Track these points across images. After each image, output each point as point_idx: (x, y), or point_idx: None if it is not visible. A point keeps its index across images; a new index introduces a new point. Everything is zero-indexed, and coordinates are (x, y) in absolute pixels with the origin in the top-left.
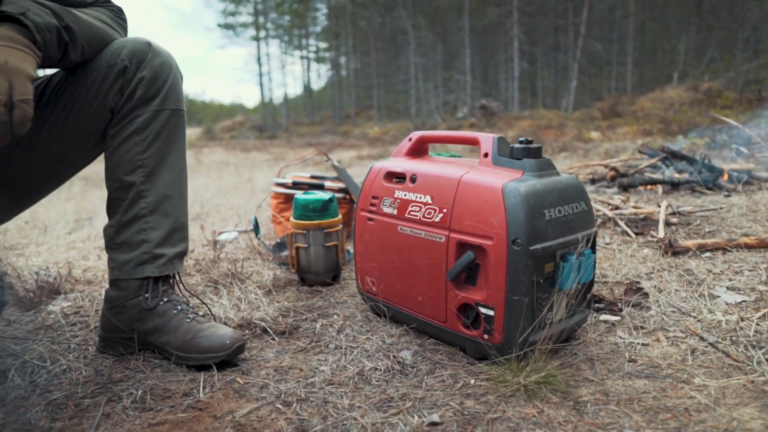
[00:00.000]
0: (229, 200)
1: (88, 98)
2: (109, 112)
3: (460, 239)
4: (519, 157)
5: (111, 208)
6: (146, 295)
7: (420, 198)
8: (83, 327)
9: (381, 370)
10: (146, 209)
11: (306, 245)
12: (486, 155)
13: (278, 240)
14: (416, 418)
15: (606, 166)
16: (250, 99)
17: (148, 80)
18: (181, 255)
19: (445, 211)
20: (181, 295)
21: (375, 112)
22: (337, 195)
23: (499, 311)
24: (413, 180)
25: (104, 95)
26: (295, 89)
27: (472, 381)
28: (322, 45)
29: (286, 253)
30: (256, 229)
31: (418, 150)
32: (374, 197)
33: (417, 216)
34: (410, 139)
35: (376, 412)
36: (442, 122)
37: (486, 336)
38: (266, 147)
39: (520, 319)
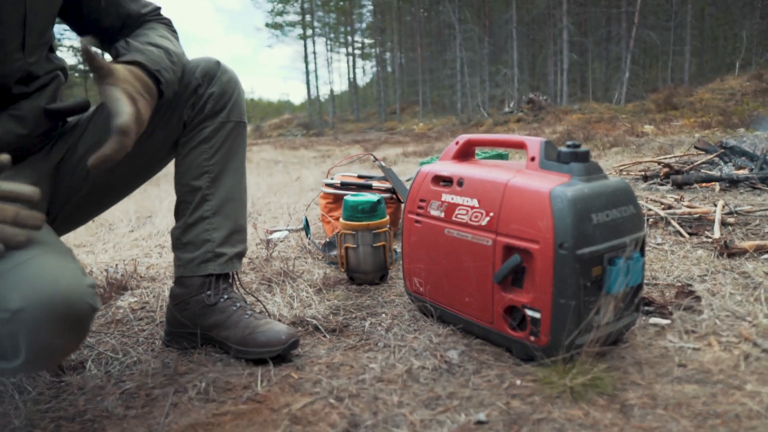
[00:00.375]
0: (279, 199)
1: (167, 114)
2: (182, 124)
3: (506, 243)
4: (566, 161)
5: (179, 211)
6: (208, 292)
7: (467, 201)
8: (149, 321)
9: (429, 369)
10: (210, 211)
11: (355, 245)
12: (533, 159)
13: (327, 239)
14: (463, 416)
15: (659, 163)
16: (297, 96)
17: (217, 95)
18: (240, 255)
19: (492, 214)
20: (238, 293)
21: (420, 108)
22: (384, 195)
23: (545, 314)
24: (460, 184)
25: (180, 110)
26: (340, 86)
27: (518, 381)
28: (368, 41)
29: (335, 252)
30: (307, 229)
31: (465, 153)
32: (422, 200)
33: (464, 219)
34: (457, 143)
35: (424, 410)
36: (489, 117)
37: (532, 338)
38: (313, 144)
39: (566, 322)
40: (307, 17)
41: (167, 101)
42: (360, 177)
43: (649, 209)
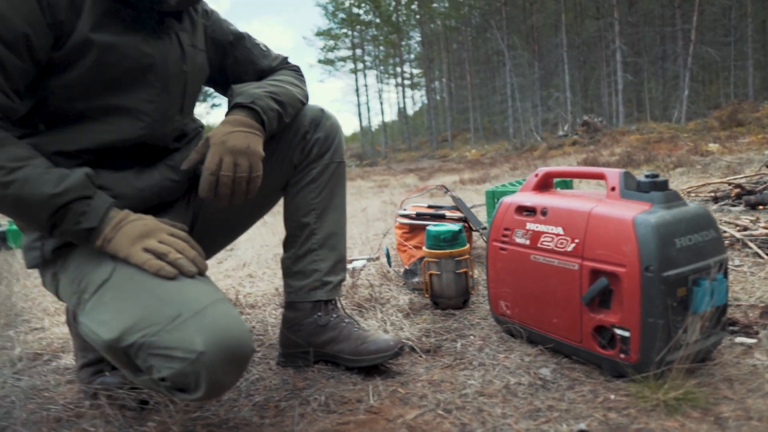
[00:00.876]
0: (349, 229)
1: (281, 157)
2: (293, 167)
3: (593, 267)
4: (646, 191)
5: (288, 243)
6: (319, 314)
7: (552, 230)
8: (260, 344)
9: (525, 385)
10: (317, 244)
11: (438, 272)
12: (613, 189)
13: (406, 267)
14: (565, 426)
15: (729, 183)
16: (348, 127)
17: (322, 140)
18: (342, 282)
19: (577, 241)
20: (342, 311)
21: (471, 134)
22: (459, 224)
23: (634, 332)
24: (544, 213)
25: (291, 155)
26: (391, 116)
27: (612, 396)
28: (417, 71)
29: (417, 279)
30: (389, 258)
31: (544, 185)
32: (506, 229)
33: (550, 246)
34: (536, 175)
35: (527, 420)
36: (542, 141)
37: (622, 355)
38: (368, 175)
39: (655, 340)
40: (358, 51)
41: (277, 141)
42: (430, 207)
43: (725, 231)
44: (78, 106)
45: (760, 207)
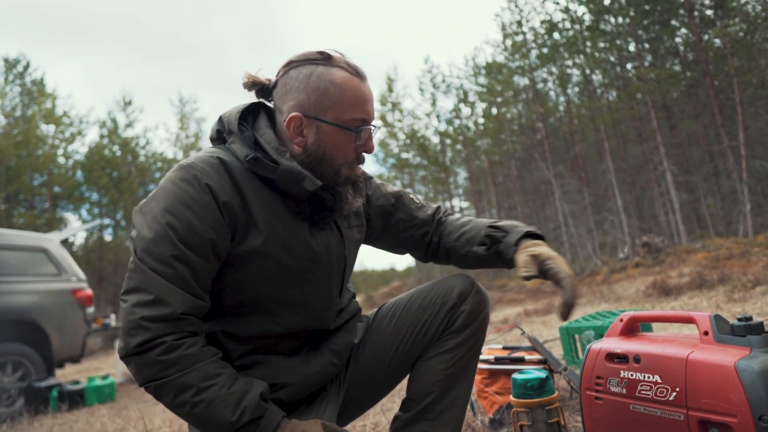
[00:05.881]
0: None
1: (428, 324)
2: (433, 335)
3: (700, 417)
4: (743, 334)
5: (405, 405)
6: None
7: (648, 378)
8: None
9: None
10: (432, 415)
11: (530, 423)
12: (706, 333)
13: (491, 416)
14: None
15: None
16: (401, 263)
17: (468, 313)
18: None
19: (678, 389)
20: None
21: None
22: (538, 366)
23: None
24: (637, 360)
25: (438, 322)
26: None
27: None
28: (465, 204)
29: (505, 429)
30: (473, 408)
31: (630, 329)
32: (599, 377)
33: (649, 395)
34: (621, 320)
35: None
36: (603, 265)
37: None
38: None
39: None
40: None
41: (418, 311)
42: (506, 348)
43: None
44: (248, 298)
45: None
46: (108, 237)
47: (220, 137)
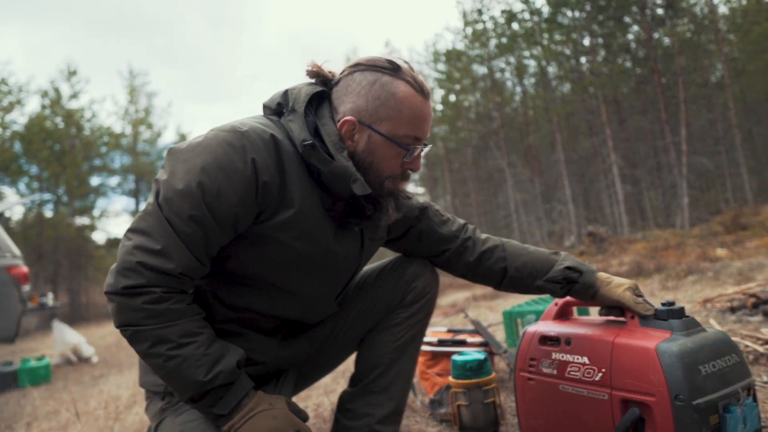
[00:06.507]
0: None
1: (377, 302)
2: (384, 311)
3: (623, 396)
4: (665, 319)
5: (354, 380)
6: None
7: (577, 359)
8: None
9: None
10: (379, 388)
11: (467, 403)
12: (633, 317)
13: (432, 397)
14: None
15: (744, 293)
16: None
17: (419, 289)
18: None
19: (604, 370)
20: None
21: None
22: (479, 349)
23: None
24: (568, 342)
25: (391, 297)
26: None
27: None
28: (421, 190)
29: (443, 409)
30: (413, 388)
31: (564, 313)
32: (532, 359)
33: (577, 376)
34: (556, 304)
35: None
36: None
37: None
38: None
39: None
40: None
41: (377, 287)
42: (450, 331)
43: (747, 345)
44: (250, 273)
45: None
46: (48, 213)
47: (277, 110)
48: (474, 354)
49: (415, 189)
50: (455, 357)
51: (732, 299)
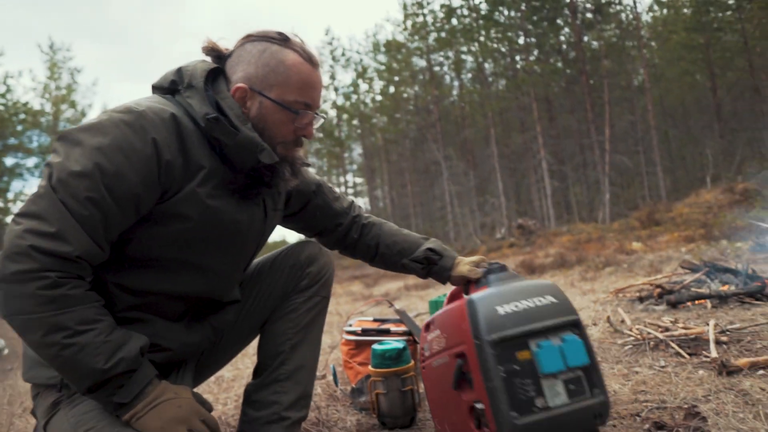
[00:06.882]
0: None
1: (275, 285)
2: (280, 298)
3: (453, 353)
4: (485, 277)
5: (258, 371)
6: None
7: (436, 334)
8: None
9: None
10: (284, 375)
11: (385, 391)
12: (473, 284)
13: (354, 386)
14: None
15: (651, 284)
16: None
17: (314, 274)
18: (302, 420)
19: (445, 336)
20: None
21: None
22: (402, 338)
23: (486, 403)
24: (433, 322)
25: (285, 284)
26: None
27: None
28: (359, 180)
29: (364, 398)
30: (335, 378)
31: (454, 297)
32: (423, 348)
33: (436, 348)
34: (450, 293)
35: None
36: (482, 244)
37: (486, 430)
38: None
39: (500, 405)
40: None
41: (268, 275)
42: (376, 321)
43: (649, 333)
44: (155, 254)
45: (680, 306)
46: None
47: (171, 89)
48: (393, 343)
49: (353, 179)
50: (375, 346)
51: (641, 289)
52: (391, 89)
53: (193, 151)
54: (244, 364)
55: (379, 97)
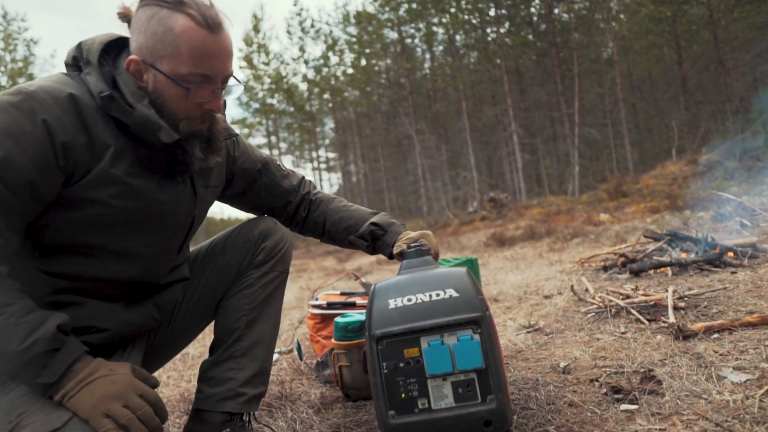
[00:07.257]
0: None
1: (230, 262)
2: (235, 275)
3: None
4: (401, 261)
5: (213, 347)
6: (227, 430)
7: None
8: None
9: None
10: (240, 352)
11: (348, 363)
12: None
13: (319, 359)
14: None
15: (615, 254)
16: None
17: (269, 249)
18: (260, 396)
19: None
20: (251, 428)
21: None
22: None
23: (372, 395)
24: None
25: (240, 260)
26: None
27: None
28: (332, 155)
29: (328, 371)
30: (299, 351)
31: None
32: None
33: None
34: None
35: None
36: (455, 218)
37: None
38: None
39: (379, 402)
40: (273, 138)
41: (220, 253)
42: (343, 294)
43: (610, 300)
44: (76, 240)
45: (642, 274)
46: None
47: (75, 65)
48: (356, 316)
49: (326, 154)
50: (337, 319)
51: (605, 259)
52: (363, 62)
53: (98, 130)
54: (210, 341)
55: (350, 70)
